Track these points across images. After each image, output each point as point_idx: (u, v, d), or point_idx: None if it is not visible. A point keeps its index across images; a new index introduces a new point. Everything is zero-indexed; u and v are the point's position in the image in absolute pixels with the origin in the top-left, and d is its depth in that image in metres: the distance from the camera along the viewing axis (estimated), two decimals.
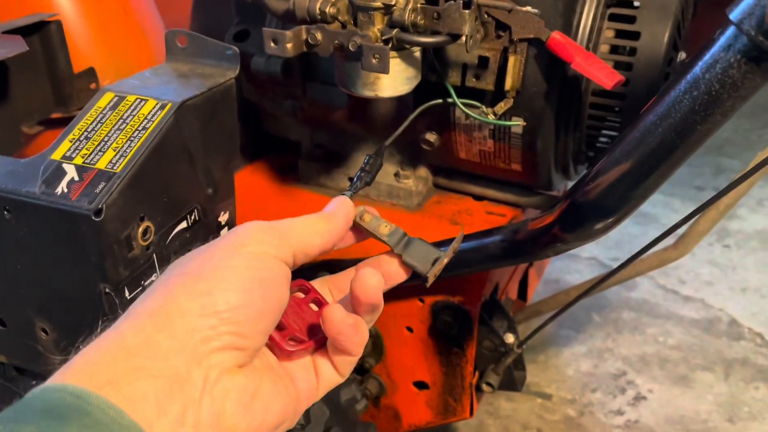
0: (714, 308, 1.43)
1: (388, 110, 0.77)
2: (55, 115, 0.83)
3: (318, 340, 0.42)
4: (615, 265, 1.57)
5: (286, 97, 0.80)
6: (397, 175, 0.82)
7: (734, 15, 0.37)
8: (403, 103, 0.76)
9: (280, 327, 0.41)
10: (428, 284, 0.44)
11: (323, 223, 0.43)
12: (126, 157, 0.48)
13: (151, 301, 0.37)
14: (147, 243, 0.50)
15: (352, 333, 0.41)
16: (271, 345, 0.41)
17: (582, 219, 0.50)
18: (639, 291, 1.48)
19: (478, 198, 0.83)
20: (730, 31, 0.37)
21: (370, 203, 0.83)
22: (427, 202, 0.84)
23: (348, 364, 0.43)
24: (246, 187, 0.90)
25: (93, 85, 0.85)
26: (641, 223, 1.69)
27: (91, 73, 0.85)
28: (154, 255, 0.51)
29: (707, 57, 0.39)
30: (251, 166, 0.93)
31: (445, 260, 0.45)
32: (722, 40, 0.38)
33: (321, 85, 0.78)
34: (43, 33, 0.78)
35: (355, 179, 0.52)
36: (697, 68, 0.39)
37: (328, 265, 0.80)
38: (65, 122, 0.84)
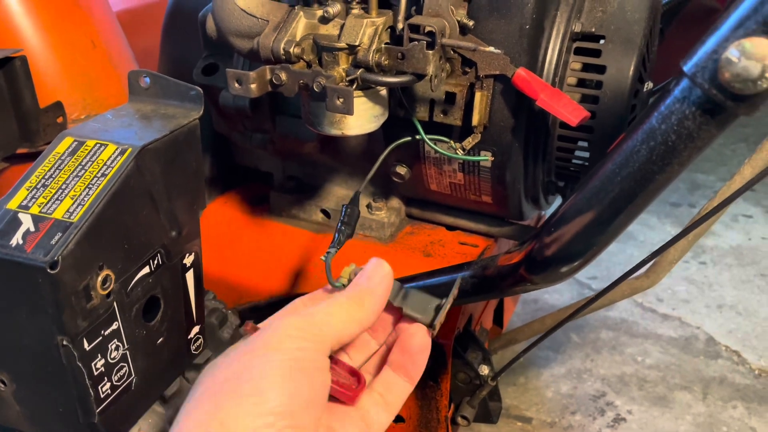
0: (691, 326, 1.44)
1: (359, 142, 0.77)
2: (20, 151, 0.82)
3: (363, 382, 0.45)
4: (593, 283, 1.59)
5: (256, 131, 0.79)
6: (369, 206, 0.82)
7: (688, 67, 0.37)
8: (373, 134, 0.76)
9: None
10: (435, 332, 0.46)
11: (359, 310, 0.43)
12: (84, 205, 0.47)
13: (199, 413, 0.36)
14: (107, 292, 0.49)
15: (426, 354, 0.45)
16: (335, 393, 0.43)
17: (547, 263, 0.50)
18: (617, 310, 1.49)
19: (451, 228, 0.83)
20: (684, 83, 0.38)
21: None
22: (399, 233, 0.83)
23: (403, 395, 0.45)
24: (218, 219, 0.89)
25: (60, 119, 0.84)
26: (618, 241, 1.68)
27: (58, 107, 0.84)
28: (115, 303, 0.50)
29: (663, 108, 0.39)
30: (223, 197, 0.92)
31: (448, 306, 0.47)
32: (677, 92, 0.38)
33: (290, 118, 0.77)
34: (7, 69, 0.77)
35: (336, 234, 0.52)
36: (653, 119, 0.39)
37: None
38: (31, 157, 0.83)
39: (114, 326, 0.51)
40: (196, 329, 0.62)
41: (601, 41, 0.65)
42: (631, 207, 0.43)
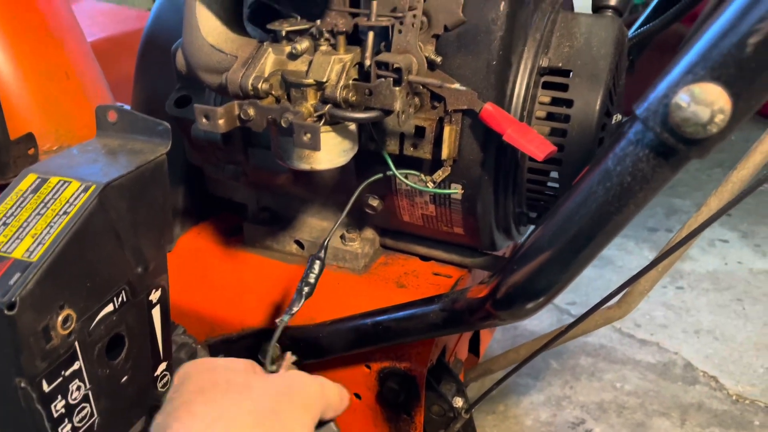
0: (669, 351, 1.45)
1: (331, 175, 0.77)
2: None
3: None
4: (572, 309, 1.60)
5: (229, 163, 0.79)
6: (342, 237, 0.82)
7: (640, 111, 0.37)
8: (345, 166, 0.76)
9: None
10: None
11: (345, 401, 0.54)
12: (44, 244, 0.46)
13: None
14: (68, 331, 0.48)
15: None
16: None
17: (512, 300, 0.50)
18: (595, 335, 1.49)
19: (425, 258, 0.83)
20: (638, 126, 0.38)
21: None
22: (374, 263, 0.83)
23: None
24: (191, 250, 0.89)
25: (31, 151, 0.84)
26: (597, 266, 1.72)
27: (29, 139, 0.83)
28: (77, 342, 0.49)
29: (617, 150, 0.39)
30: (196, 228, 0.92)
31: None
32: (631, 135, 0.39)
33: (263, 151, 0.77)
34: None
35: (295, 295, 0.55)
36: (609, 161, 0.40)
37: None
38: (0, 190, 0.82)
39: (75, 366, 0.50)
40: (163, 366, 0.61)
41: (570, 74, 0.66)
42: (591, 246, 0.43)
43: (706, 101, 0.34)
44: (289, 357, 0.57)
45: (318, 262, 0.66)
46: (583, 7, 0.78)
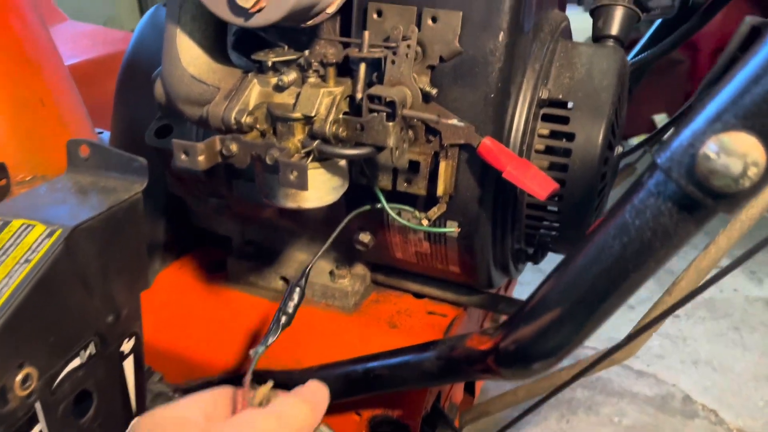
0: (667, 384, 1.41)
1: (320, 209, 0.73)
2: None
3: None
4: None
5: (212, 195, 0.75)
6: (332, 274, 0.78)
7: (662, 160, 0.34)
8: None
9: None
10: None
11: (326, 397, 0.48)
12: (1, 297, 0.42)
13: None
14: (27, 392, 0.43)
15: None
16: None
17: (517, 358, 0.46)
18: None
19: (419, 296, 0.79)
20: (659, 176, 0.35)
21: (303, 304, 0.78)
22: (364, 301, 0.79)
23: None
24: (172, 286, 0.84)
25: (3, 182, 0.79)
26: None
27: (1, 170, 0.79)
28: (38, 403, 0.45)
29: (636, 201, 0.36)
30: (178, 262, 0.87)
31: None
32: (651, 186, 0.35)
33: (248, 182, 0.73)
34: None
35: (272, 324, 0.49)
36: (626, 213, 0.36)
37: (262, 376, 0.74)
38: None
39: (36, 429, 0.45)
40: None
41: (570, 104, 0.63)
42: (604, 305, 0.39)
43: (738, 152, 0.30)
44: (267, 387, 0.51)
45: (298, 290, 0.61)
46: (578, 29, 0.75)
